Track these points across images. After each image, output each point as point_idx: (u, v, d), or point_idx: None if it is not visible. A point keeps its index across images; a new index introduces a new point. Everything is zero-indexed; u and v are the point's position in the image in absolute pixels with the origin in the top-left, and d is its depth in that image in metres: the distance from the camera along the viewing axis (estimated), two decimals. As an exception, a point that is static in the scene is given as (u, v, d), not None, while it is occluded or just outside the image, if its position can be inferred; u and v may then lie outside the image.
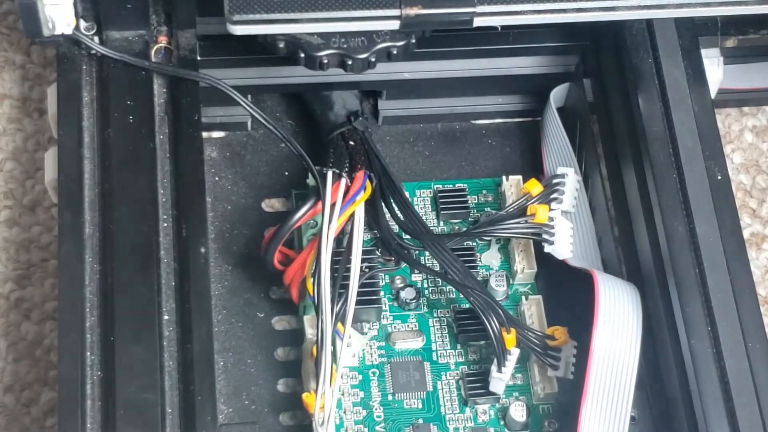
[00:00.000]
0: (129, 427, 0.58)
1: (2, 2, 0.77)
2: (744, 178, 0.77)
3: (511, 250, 0.69)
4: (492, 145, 0.74)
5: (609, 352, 0.61)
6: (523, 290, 0.68)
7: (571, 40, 0.71)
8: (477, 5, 0.63)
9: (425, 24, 0.63)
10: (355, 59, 0.63)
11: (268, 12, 0.62)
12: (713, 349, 0.60)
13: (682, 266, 0.62)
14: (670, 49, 0.67)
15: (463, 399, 0.65)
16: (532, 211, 0.66)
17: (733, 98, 0.77)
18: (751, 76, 0.75)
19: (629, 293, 0.63)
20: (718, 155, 0.64)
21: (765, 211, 0.76)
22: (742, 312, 0.61)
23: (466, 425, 0.64)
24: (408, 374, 0.65)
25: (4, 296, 0.70)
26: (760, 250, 0.75)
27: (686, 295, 0.61)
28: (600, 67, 0.70)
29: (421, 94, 0.72)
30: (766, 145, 0.78)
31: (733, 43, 0.71)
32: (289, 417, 0.64)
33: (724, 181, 0.64)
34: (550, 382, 0.65)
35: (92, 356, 0.60)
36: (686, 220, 0.63)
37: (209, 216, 0.69)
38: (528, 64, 0.72)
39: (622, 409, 0.60)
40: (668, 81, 0.66)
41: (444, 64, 0.71)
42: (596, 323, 0.61)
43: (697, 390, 0.59)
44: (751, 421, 0.59)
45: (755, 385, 0.59)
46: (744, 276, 0.62)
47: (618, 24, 0.67)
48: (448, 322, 0.67)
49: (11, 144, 0.74)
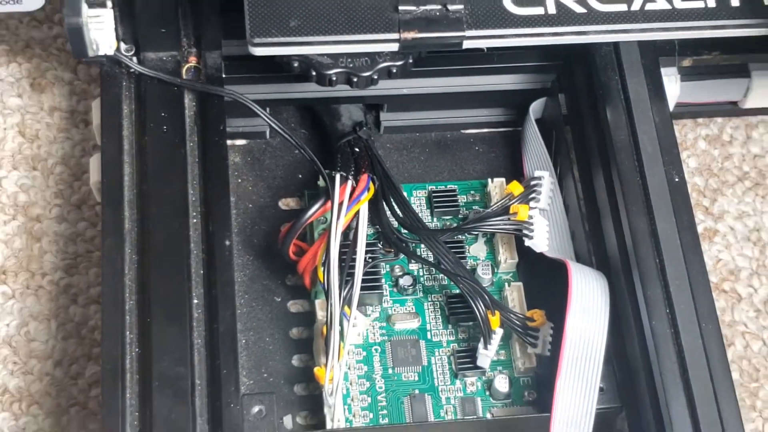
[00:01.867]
0: (163, 397, 0.58)
1: (53, 27, 0.78)
2: (698, 181, 0.77)
3: (495, 243, 0.69)
4: (479, 151, 0.73)
5: (581, 331, 0.61)
6: (506, 278, 0.68)
7: (547, 60, 0.71)
8: (466, 30, 0.63)
9: (421, 46, 0.63)
10: (360, 77, 0.63)
11: (284, 36, 0.63)
12: (671, 329, 0.60)
13: (644, 257, 0.62)
14: (633, 68, 0.67)
15: (453, 372, 0.65)
16: (515, 210, 0.66)
17: (689, 111, 0.77)
18: (704, 92, 0.75)
19: (598, 280, 0.63)
20: (676, 161, 0.64)
21: (716, 209, 0.76)
22: (696, 296, 0.61)
23: (456, 395, 0.64)
24: (406, 351, 0.65)
25: (54, 283, 0.70)
26: (712, 243, 0.75)
27: (647, 282, 0.61)
28: (573, 83, 0.70)
29: (418, 107, 0.72)
30: (717, 152, 0.78)
31: (688, 62, 0.71)
32: (303, 388, 0.64)
33: (681, 183, 0.63)
34: (529, 358, 0.65)
35: (131, 335, 0.60)
36: (648, 217, 0.63)
37: (233, 213, 0.69)
38: (510, 81, 0.72)
39: (591, 381, 0.60)
40: (632, 96, 0.66)
41: (437, 81, 0.71)
42: (569, 306, 0.61)
43: (657, 364, 0.59)
44: (704, 391, 0.58)
45: (707, 359, 0.59)
46: (698, 265, 0.61)
47: (588, 46, 0.67)
48: (441, 305, 0.67)
49: (60, 150, 0.74)
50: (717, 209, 0.76)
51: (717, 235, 0.75)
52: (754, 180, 0.77)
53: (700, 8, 0.65)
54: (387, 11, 0.63)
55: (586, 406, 0.60)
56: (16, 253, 0.71)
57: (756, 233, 0.75)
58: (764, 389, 0.70)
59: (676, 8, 0.65)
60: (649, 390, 0.60)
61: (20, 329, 0.68)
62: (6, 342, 0.68)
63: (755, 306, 0.73)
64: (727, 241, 0.75)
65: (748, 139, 0.79)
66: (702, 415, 0.58)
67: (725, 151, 0.78)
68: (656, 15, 0.65)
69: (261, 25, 0.62)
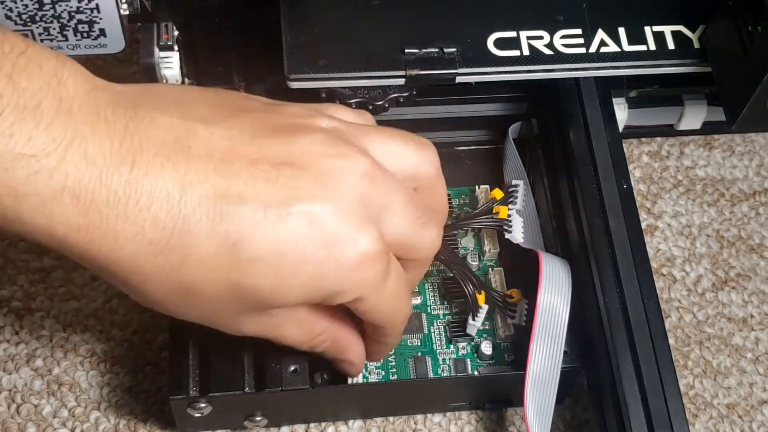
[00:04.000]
0: (219, 358, 0.59)
1: (132, 66, 0.77)
2: (642, 187, 0.77)
3: (481, 237, 0.69)
4: (468, 164, 0.73)
5: (549, 306, 0.61)
6: (490, 264, 0.68)
7: (522, 92, 0.71)
8: (458, 68, 0.64)
9: (422, 81, 0.64)
10: (374, 105, 0.64)
11: (315, 72, 0.63)
12: (620, 304, 0.60)
13: (599, 247, 0.62)
14: (590, 98, 0.66)
15: (448, 339, 0.65)
16: (497, 210, 0.66)
17: (634, 132, 0.77)
18: (646, 117, 0.75)
19: (563, 266, 0.63)
20: (624, 172, 0.64)
21: (656, 209, 0.76)
22: (641, 279, 0.60)
23: (451, 357, 0.64)
24: (411, 322, 0.64)
25: (131, 268, 0.70)
26: (653, 236, 0.75)
27: (602, 267, 0.61)
28: (543, 110, 0.70)
29: (419, 129, 0.70)
30: (657, 164, 0.78)
31: (634, 93, 0.72)
32: None
33: (629, 190, 0.63)
34: (508, 327, 0.65)
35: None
36: (602, 216, 0.63)
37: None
38: (493, 108, 0.72)
39: (557, 345, 0.60)
40: (590, 120, 0.65)
41: (435, 108, 0.71)
42: (540, 286, 0.61)
43: (609, 332, 0.59)
44: (647, 354, 0.58)
45: (649, 328, 0.59)
46: (641, 254, 0.61)
47: (555, 81, 0.67)
48: (438, 286, 0.67)
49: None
50: (657, 210, 0.76)
51: (657, 230, 0.75)
52: (686, 187, 0.77)
53: (643, 50, 0.65)
54: (395, 53, 0.64)
55: (553, 365, 0.60)
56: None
57: (688, 228, 0.75)
58: (695, 352, 0.70)
59: (624, 50, 0.65)
60: (603, 353, 0.60)
61: (105, 304, 0.68)
62: (94, 314, 0.68)
63: (687, 286, 0.73)
64: (665, 235, 0.75)
65: (681, 155, 0.79)
66: (645, 372, 0.58)
67: (663, 164, 0.78)
68: (609, 56, 0.65)
69: (296, 64, 0.63)
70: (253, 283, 0.48)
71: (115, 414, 0.65)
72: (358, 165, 0.50)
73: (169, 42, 0.64)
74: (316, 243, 0.48)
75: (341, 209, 0.48)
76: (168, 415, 0.63)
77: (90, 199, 0.43)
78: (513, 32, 0.65)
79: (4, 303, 0.68)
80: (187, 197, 0.45)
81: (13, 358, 0.66)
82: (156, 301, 0.50)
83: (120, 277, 0.48)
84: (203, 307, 0.50)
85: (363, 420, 0.65)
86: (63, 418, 0.64)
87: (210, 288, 0.48)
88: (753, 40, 0.60)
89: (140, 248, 0.45)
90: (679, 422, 0.56)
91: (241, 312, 0.50)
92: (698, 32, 0.66)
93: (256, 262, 0.47)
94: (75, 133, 0.43)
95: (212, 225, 0.46)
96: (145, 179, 0.45)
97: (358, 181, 0.49)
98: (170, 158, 0.45)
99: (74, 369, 0.66)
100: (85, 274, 0.69)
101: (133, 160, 0.44)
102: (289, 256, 0.47)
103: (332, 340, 0.55)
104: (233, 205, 0.46)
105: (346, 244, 0.48)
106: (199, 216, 0.46)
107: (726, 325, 0.71)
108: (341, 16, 0.65)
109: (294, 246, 0.47)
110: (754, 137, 0.80)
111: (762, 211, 0.76)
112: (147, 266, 0.46)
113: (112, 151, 0.44)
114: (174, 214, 0.45)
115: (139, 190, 0.44)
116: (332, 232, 0.48)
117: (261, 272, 0.47)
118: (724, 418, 0.67)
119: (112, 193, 0.44)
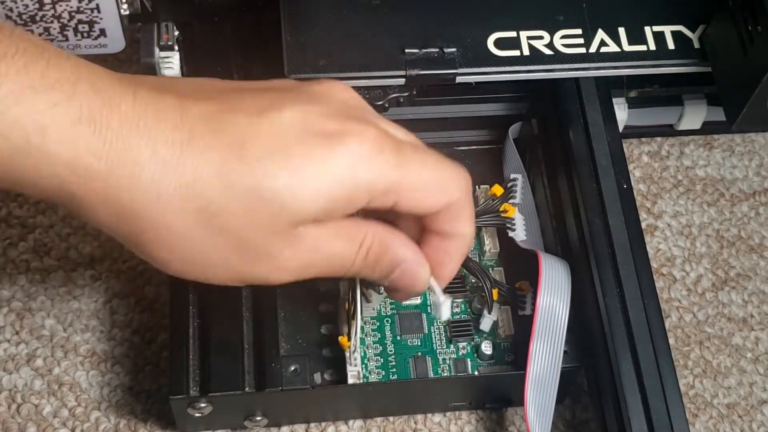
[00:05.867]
0: (219, 358, 0.59)
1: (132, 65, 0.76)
2: (642, 187, 0.77)
3: (482, 238, 0.68)
4: (469, 164, 0.73)
5: (549, 306, 0.61)
6: (490, 264, 0.68)
7: (522, 92, 0.71)
8: (458, 68, 0.63)
9: (422, 81, 0.64)
10: (374, 105, 0.63)
11: (315, 72, 0.63)
12: (620, 304, 0.60)
13: (599, 247, 0.62)
14: (590, 98, 0.66)
15: (448, 339, 0.65)
16: (505, 208, 0.66)
17: (634, 132, 0.77)
18: (646, 117, 0.75)
19: (562, 266, 0.63)
20: (624, 171, 0.64)
21: (656, 209, 0.76)
22: (641, 278, 0.60)
23: (451, 357, 0.64)
24: (411, 322, 0.65)
25: (132, 267, 0.70)
26: (653, 236, 0.75)
27: (602, 267, 0.61)
28: (543, 110, 0.70)
29: (420, 129, 0.70)
30: (656, 164, 0.78)
31: (634, 94, 0.72)
32: (329, 351, 0.64)
33: (628, 189, 0.63)
34: (509, 327, 0.65)
35: (193, 309, 0.61)
36: (602, 216, 0.63)
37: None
38: (493, 108, 0.72)
39: (557, 345, 0.60)
40: (589, 120, 0.65)
41: (435, 108, 0.71)
42: (540, 287, 0.61)
43: (609, 332, 0.59)
44: (647, 353, 0.58)
45: (649, 328, 0.59)
46: (641, 254, 0.61)
47: (555, 81, 0.67)
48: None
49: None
50: (657, 209, 0.76)
51: (657, 230, 0.75)
52: (686, 186, 0.77)
53: (643, 50, 0.65)
54: (396, 53, 0.63)
55: (553, 365, 0.60)
56: (102, 243, 0.70)
57: (688, 228, 0.75)
58: (694, 352, 0.70)
59: (624, 51, 0.65)
60: (603, 353, 0.60)
61: (105, 305, 0.68)
62: (95, 314, 0.68)
63: (687, 286, 0.73)
64: (665, 235, 0.75)
65: (681, 155, 0.79)
66: (645, 372, 0.58)
67: (663, 164, 0.78)
68: (608, 56, 0.65)
69: (296, 64, 0.63)
70: (269, 186, 0.48)
71: (115, 414, 0.65)
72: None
73: (169, 42, 0.64)
74: (317, 138, 0.49)
75: (332, 111, 0.51)
76: (168, 414, 0.63)
77: (105, 125, 0.46)
78: (513, 32, 0.65)
79: (4, 303, 0.68)
80: (187, 114, 0.48)
81: (14, 357, 0.66)
82: (179, 239, 0.49)
83: (143, 214, 0.48)
84: (231, 239, 0.49)
85: (363, 420, 0.65)
86: (63, 417, 0.64)
87: (231, 204, 0.48)
88: (753, 40, 0.60)
89: (157, 168, 0.47)
90: (679, 422, 0.56)
91: (273, 234, 0.49)
92: (698, 32, 0.66)
93: (265, 161, 0.48)
94: (80, 71, 0.47)
95: (215, 135, 0.48)
96: (148, 105, 0.48)
97: (345, 92, 0.54)
98: (165, 90, 0.49)
99: (74, 369, 0.66)
100: (85, 274, 0.69)
101: (134, 92, 0.48)
102: (295, 151, 0.48)
103: (379, 240, 0.53)
104: (230, 115, 0.49)
105: (350, 134, 0.50)
106: (202, 130, 0.48)
107: (726, 325, 0.71)
108: (341, 16, 0.65)
109: (296, 141, 0.49)
110: (754, 137, 0.80)
111: (762, 211, 0.76)
112: (164, 189, 0.47)
113: (113, 84, 0.48)
114: (180, 129, 0.48)
115: (146, 112, 0.48)
116: (330, 128, 0.50)
117: (273, 172, 0.48)
118: (724, 417, 0.67)
119: (123, 115, 0.47)
